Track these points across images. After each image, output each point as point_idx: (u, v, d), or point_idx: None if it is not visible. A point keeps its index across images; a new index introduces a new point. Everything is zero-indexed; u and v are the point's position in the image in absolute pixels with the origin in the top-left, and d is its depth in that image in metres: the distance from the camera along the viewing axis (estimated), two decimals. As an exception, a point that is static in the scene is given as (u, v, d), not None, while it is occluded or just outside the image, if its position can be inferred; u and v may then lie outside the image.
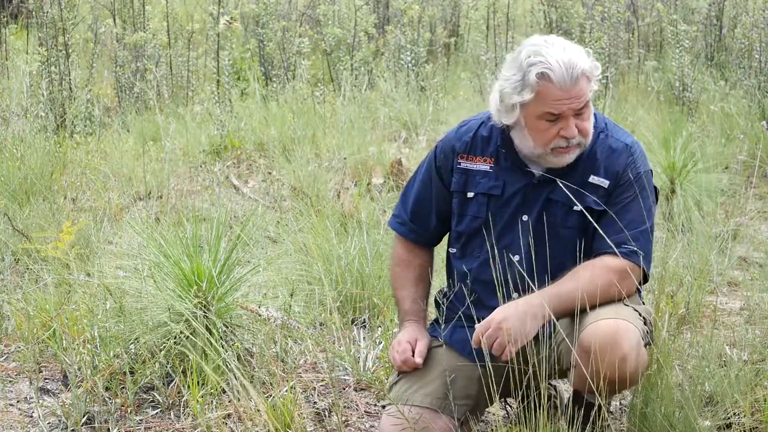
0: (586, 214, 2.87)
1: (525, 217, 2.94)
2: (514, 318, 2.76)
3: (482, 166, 3.01)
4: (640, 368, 2.79)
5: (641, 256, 2.87)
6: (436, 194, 3.10)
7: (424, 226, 3.14)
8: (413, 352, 3.02)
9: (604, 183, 2.92)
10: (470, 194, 3.01)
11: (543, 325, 2.85)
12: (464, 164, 3.03)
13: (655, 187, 3.01)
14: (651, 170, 3.00)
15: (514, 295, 2.87)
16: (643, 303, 3.01)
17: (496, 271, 2.90)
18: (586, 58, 2.85)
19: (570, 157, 2.90)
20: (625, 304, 2.83)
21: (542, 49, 2.83)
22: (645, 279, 2.92)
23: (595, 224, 2.85)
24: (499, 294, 2.86)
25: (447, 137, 3.10)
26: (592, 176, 2.93)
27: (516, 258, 2.92)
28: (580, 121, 2.86)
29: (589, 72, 2.85)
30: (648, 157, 3.05)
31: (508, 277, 2.89)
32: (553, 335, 2.87)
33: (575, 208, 2.89)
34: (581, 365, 2.74)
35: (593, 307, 2.78)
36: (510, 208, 2.96)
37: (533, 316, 2.78)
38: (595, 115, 3.00)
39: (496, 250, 2.93)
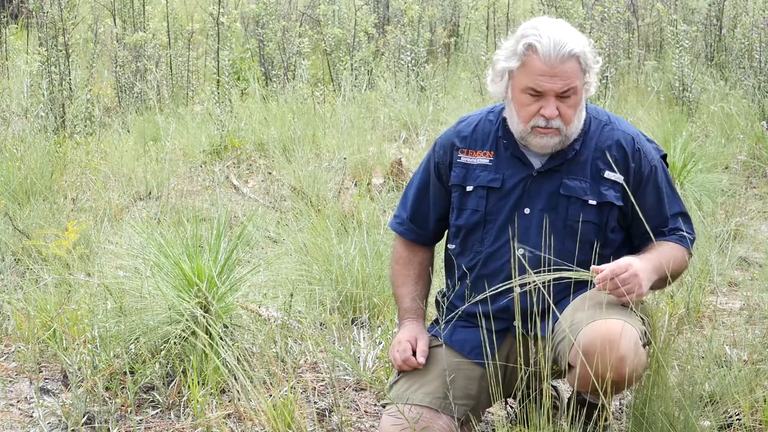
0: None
1: (527, 210, 2.94)
2: (643, 272, 2.77)
3: (482, 159, 3.01)
4: (639, 368, 2.78)
5: (690, 241, 2.98)
6: (434, 194, 3.10)
7: (423, 225, 3.14)
8: (414, 351, 3.02)
9: (620, 179, 2.93)
10: (469, 188, 3.01)
11: (543, 324, 2.86)
12: (464, 159, 3.03)
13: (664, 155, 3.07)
14: (659, 149, 3.04)
15: (516, 289, 2.87)
16: (642, 303, 3.01)
17: (501, 263, 2.90)
18: (582, 44, 2.86)
19: (549, 141, 2.89)
20: (622, 304, 2.83)
21: (540, 24, 2.88)
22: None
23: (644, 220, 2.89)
24: (514, 281, 2.85)
25: (446, 133, 3.10)
26: (607, 172, 2.93)
27: (521, 251, 2.91)
28: (564, 107, 2.86)
29: (582, 57, 2.85)
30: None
31: (515, 270, 2.87)
32: (550, 335, 2.87)
33: (591, 202, 2.90)
34: (579, 366, 2.73)
35: (591, 307, 2.78)
36: (510, 201, 2.95)
37: (649, 278, 2.80)
38: (596, 109, 3.01)
39: (499, 244, 2.93)
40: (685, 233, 2.98)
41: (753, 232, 5.37)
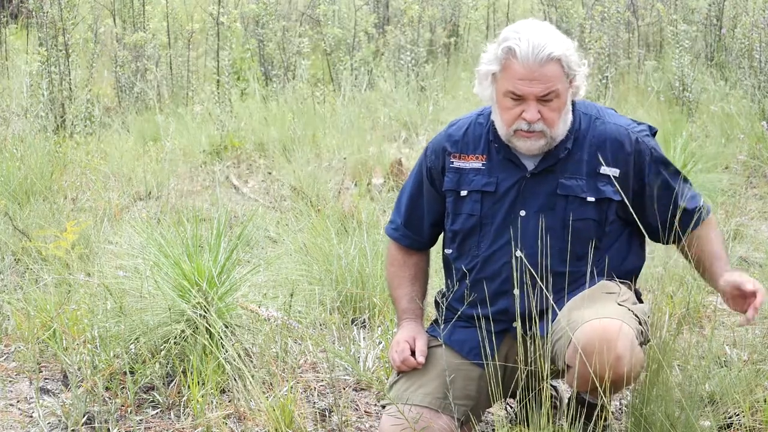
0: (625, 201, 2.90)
1: (523, 212, 2.93)
2: None
3: (474, 163, 3.00)
4: (636, 368, 2.78)
5: (708, 209, 2.99)
6: (427, 199, 3.09)
7: (418, 231, 3.14)
8: (412, 352, 3.02)
9: (615, 172, 2.91)
10: (463, 192, 3.00)
11: (542, 324, 2.86)
12: (457, 163, 3.02)
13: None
14: (651, 127, 3.03)
15: (515, 291, 2.87)
16: (641, 302, 3.01)
17: (499, 266, 2.90)
18: (564, 47, 2.83)
19: (534, 144, 2.88)
20: (619, 304, 2.83)
21: (521, 27, 2.87)
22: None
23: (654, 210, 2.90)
24: (515, 284, 2.85)
25: (437, 138, 3.09)
26: (602, 167, 2.92)
27: (518, 253, 2.91)
28: (547, 110, 2.84)
29: (565, 60, 2.83)
30: None
31: (514, 273, 2.87)
32: (549, 334, 2.87)
33: (589, 199, 2.90)
34: (577, 366, 2.73)
35: (587, 306, 2.78)
36: (505, 204, 2.94)
37: None
38: (585, 104, 2.99)
39: (496, 247, 2.93)
40: (700, 206, 2.96)
41: (753, 232, 5.37)
